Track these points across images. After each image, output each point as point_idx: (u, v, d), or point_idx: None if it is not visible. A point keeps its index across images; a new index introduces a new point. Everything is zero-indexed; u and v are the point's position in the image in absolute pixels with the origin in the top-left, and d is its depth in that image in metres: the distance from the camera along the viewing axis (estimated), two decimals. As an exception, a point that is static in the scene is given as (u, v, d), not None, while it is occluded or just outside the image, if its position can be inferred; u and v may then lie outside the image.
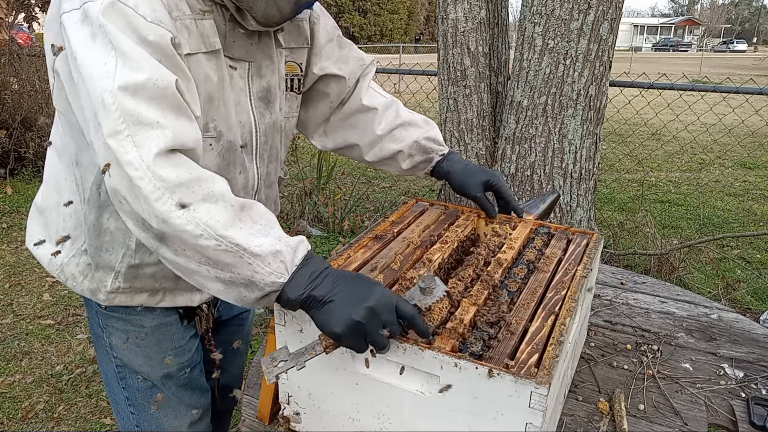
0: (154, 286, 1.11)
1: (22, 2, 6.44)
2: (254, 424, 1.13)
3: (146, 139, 0.82)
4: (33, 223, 1.18)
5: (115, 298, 1.10)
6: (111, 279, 1.07)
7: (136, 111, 0.82)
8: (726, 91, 3.49)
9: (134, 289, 1.10)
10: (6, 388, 2.61)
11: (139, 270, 1.07)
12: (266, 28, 1.04)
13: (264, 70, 1.11)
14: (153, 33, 0.86)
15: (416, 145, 1.33)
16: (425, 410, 0.88)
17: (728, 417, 1.16)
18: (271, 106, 1.14)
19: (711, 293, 3.47)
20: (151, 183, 0.81)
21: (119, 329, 1.17)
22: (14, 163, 5.51)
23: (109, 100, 0.81)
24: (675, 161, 7.01)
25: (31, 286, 3.60)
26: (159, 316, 1.18)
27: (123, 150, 0.81)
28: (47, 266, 1.14)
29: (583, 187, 2.92)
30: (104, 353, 1.22)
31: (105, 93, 0.81)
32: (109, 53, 0.83)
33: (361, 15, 45.73)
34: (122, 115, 0.81)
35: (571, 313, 0.97)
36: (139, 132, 0.82)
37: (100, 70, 0.83)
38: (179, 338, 1.22)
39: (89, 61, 0.84)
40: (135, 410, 1.24)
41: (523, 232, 1.30)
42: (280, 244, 0.86)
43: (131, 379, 1.21)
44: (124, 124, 0.81)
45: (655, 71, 6.27)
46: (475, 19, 2.90)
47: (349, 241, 1.21)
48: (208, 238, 0.82)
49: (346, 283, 0.86)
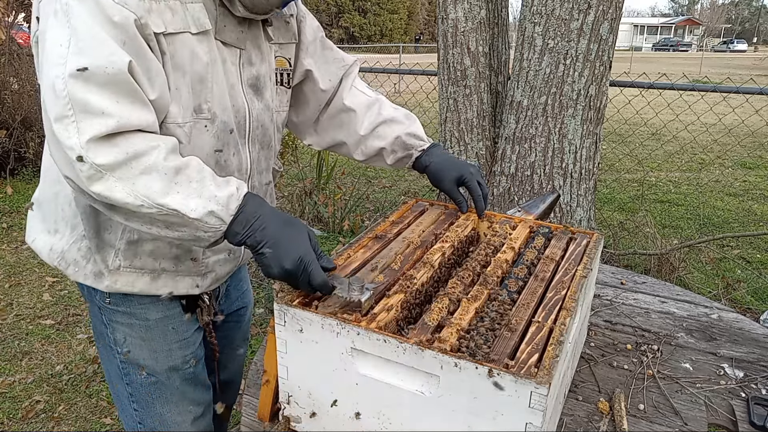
0: (155, 266, 1.12)
1: (22, 2, 6.43)
2: (254, 424, 1.13)
3: (89, 126, 0.87)
4: (31, 219, 1.20)
5: (117, 282, 1.11)
6: (111, 257, 1.10)
7: (84, 99, 0.87)
8: (726, 91, 3.49)
9: (135, 269, 1.11)
10: (6, 388, 2.61)
11: (138, 247, 1.10)
12: (253, 15, 1.08)
13: (254, 59, 1.15)
14: (118, 14, 0.89)
15: (398, 141, 1.36)
16: (425, 410, 0.88)
17: (728, 417, 1.16)
18: (261, 94, 1.18)
19: (711, 293, 3.47)
20: (91, 168, 0.88)
21: (123, 323, 1.18)
22: (14, 163, 5.51)
23: (60, 86, 0.86)
24: (675, 161, 7.02)
25: (31, 286, 3.60)
26: (163, 308, 1.19)
27: (66, 135, 0.87)
28: (47, 257, 1.15)
29: (583, 187, 2.92)
30: (107, 350, 1.23)
31: (57, 79, 0.86)
32: (64, 33, 0.87)
33: (361, 15, 45.73)
34: (70, 102, 0.86)
35: (571, 313, 0.97)
36: (84, 119, 0.87)
37: (56, 53, 0.87)
38: (183, 330, 1.24)
39: (48, 41, 0.89)
40: (138, 407, 1.25)
41: (523, 232, 1.30)
42: (211, 204, 0.94)
43: (135, 375, 1.22)
44: (71, 111, 0.87)
45: (655, 71, 6.27)
46: (475, 19, 2.90)
47: (349, 241, 1.22)
48: (149, 207, 0.91)
49: (275, 234, 0.97)
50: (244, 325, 1.53)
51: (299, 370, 0.99)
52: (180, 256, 1.14)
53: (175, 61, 0.98)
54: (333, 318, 0.92)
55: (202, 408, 1.32)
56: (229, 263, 1.25)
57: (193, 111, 1.03)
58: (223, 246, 1.06)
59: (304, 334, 0.95)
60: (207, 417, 1.35)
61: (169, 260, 1.13)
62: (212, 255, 1.19)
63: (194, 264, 1.17)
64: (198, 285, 1.19)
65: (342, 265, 1.11)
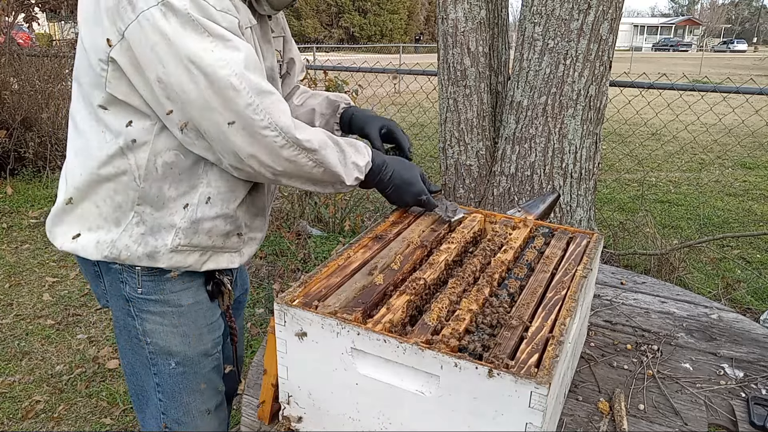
0: (208, 243, 1.19)
1: (22, 2, 6.44)
2: (254, 424, 1.13)
3: (271, 104, 1.03)
4: (61, 223, 1.20)
5: (172, 258, 1.16)
6: (172, 237, 1.15)
7: (257, 84, 1.02)
8: (726, 91, 3.48)
9: (190, 247, 1.17)
10: (6, 388, 2.61)
11: (199, 225, 1.16)
12: (275, 11, 1.22)
13: (266, 53, 1.24)
14: (224, 20, 1.01)
15: (326, 101, 1.51)
16: (425, 410, 0.88)
17: (728, 417, 1.16)
18: (275, 85, 1.28)
19: (711, 293, 3.47)
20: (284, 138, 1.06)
21: (155, 312, 1.22)
22: (14, 163, 5.52)
23: (236, 81, 0.99)
24: (675, 161, 7.02)
25: (31, 286, 3.61)
26: (193, 294, 1.25)
27: (259, 118, 1.02)
28: (93, 250, 1.16)
29: (583, 187, 2.92)
30: (134, 343, 1.25)
31: (231, 78, 0.99)
32: (205, 40, 0.98)
33: (361, 15, 45.73)
34: (250, 91, 1.01)
35: (571, 313, 0.97)
36: (264, 100, 1.03)
37: (212, 58, 0.98)
38: (211, 315, 1.29)
39: (191, 48, 0.97)
40: (164, 397, 1.27)
41: (523, 232, 1.30)
42: (357, 172, 1.22)
43: (163, 365, 1.25)
44: (252, 98, 1.01)
45: (655, 71, 6.27)
46: (475, 19, 2.90)
47: (350, 241, 1.23)
48: (325, 173, 1.16)
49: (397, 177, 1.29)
50: (242, 312, 1.60)
51: (299, 370, 0.99)
52: (230, 233, 1.22)
53: None
54: (333, 318, 0.92)
55: (221, 396, 1.37)
56: (256, 243, 1.33)
57: None
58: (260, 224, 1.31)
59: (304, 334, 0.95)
60: (224, 406, 1.40)
61: (221, 237, 1.20)
62: (248, 232, 1.28)
63: (238, 239, 1.24)
64: (236, 260, 1.27)
65: (342, 265, 1.12)
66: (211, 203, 1.15)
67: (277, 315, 0.97)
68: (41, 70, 5.74)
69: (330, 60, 12.88)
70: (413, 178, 1.30)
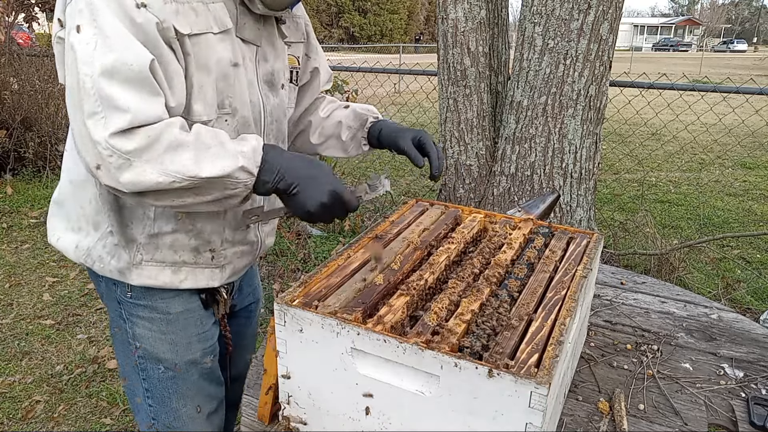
0: (175, 258, 1.16)
1: (22, 2, 6.44)
2: (254, 424, 1.13)
3: (114, 120, 0.90)
4: (53, 219, 1.22)
5: (141, 275, 1.14)
6: (133, 252, 1.13)
7: (110, 95, 0.90)
8: (726, 91, 3.48)
9: (157, 262, 1.15)
10: (6, 388, 2.61)
11: (159, 239, 1.13)
12: (271, 11, 1.13)
13: (268, 55, 1.19)
14: (141, 16, 0.93)
15: (353, 113, 1.42)
16: (425, 410, 0.88)
17: (728, 417, 1.16)
18: (275, 90, 1.23)
19: (711, 293, 3.47)
20: (120, 157, 0.90)
21: (144, 317, 1.20)
22: (14, 163, 5.52)
23: (89, 84, 0.90)
24: (675, 161, 7.02)
25: (31, 286, 3.61)
26: (184, 302, 1.22)
27: (95, 130, 0.90)
28: (73, 254, 1.17)
29: (583, 187, 2.92)
30: (125, 345, 1.24)
31: (86, 77, 0.90)
32: (91, 32, 0.91)
33: (361, 15, 45.74)
34: (99, 99, 0.90)
35: (571, 313, 0.97)
36: (111, 114, 0.90)
37: (84, 52, 0.90)
38: (203, 324, 1.27)
39: (75, 42, 0.91)
40: (153, 402, 1.26)
41: (522, 232, 1.30)
42: (240, 160, 0.98)
43: (152, 370, 1.24)
44: (101, 107, 0.90)
45: (655, 71, 6.27)
46: (475, 19, 2.90)
47: (350, 241, 1.22)
48: (181, 181, 0.94)
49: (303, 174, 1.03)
50: (254, 320, 1.56)
51: (299, 370, 0.99)
52: (198, 248, 1.18)
53: (199, 61, 1.02)
54: (333, 318, 0.92)
55: (216, 404, 1.34)
56: (247, 256, 1.28)
57: (217, 107, 1.08)
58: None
59: (304, 334, 0.95)
60: (220, 413, 1.37)
61: (189, 252, 1.17)
62: (230, 247, 1.22)
63: (213, 255, 1.20)
64: (217, 277, 1.22)
65: (342, 265, 1.12)
66: (166, 217, 1.11)
67: (277, 315, 0.97)
68: (41, 70, 5.74)
69: (330, 60, 12.86)
70: (320, 173, 1.04)
